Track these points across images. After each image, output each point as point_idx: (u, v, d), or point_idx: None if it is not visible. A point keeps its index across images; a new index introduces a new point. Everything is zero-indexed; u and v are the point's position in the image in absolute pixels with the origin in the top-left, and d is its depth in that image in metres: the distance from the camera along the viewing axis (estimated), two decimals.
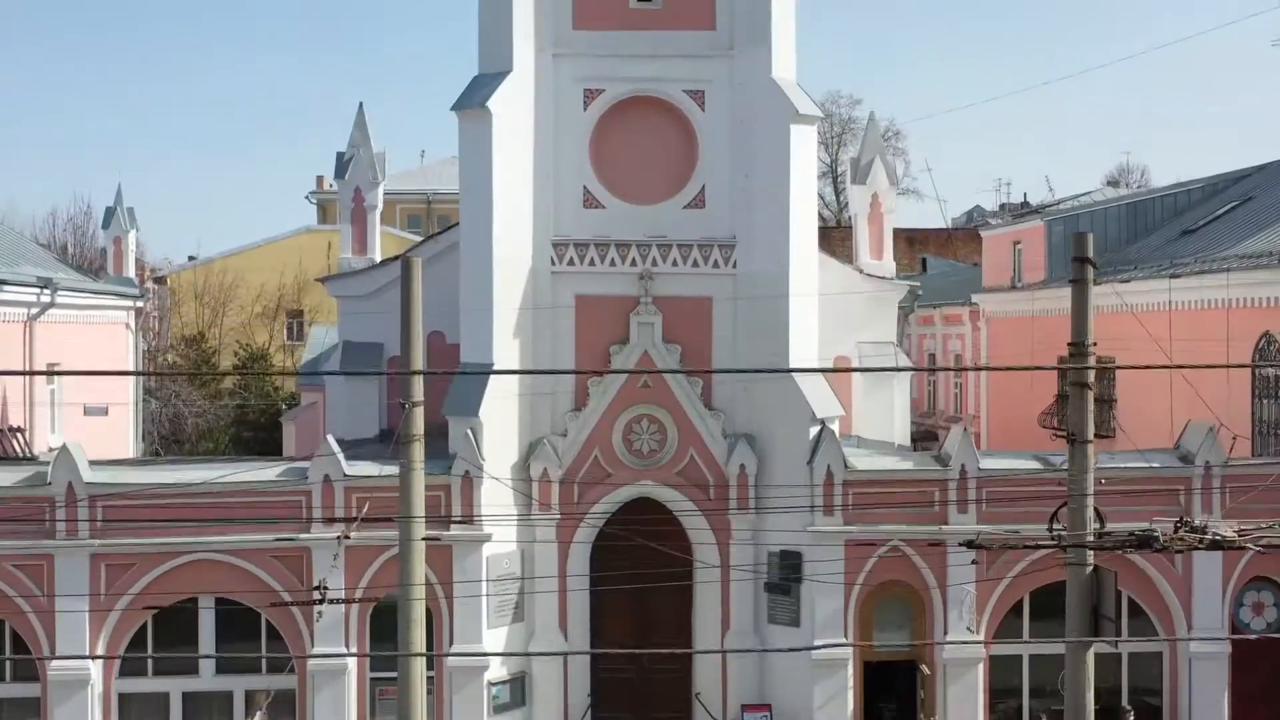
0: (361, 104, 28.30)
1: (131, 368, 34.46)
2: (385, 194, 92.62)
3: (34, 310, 28.36)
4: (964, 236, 76.61)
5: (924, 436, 44.79)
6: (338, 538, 17.58)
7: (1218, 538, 12.99)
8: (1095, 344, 15.98)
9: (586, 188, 22.22)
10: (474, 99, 21.70)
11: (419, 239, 74.80)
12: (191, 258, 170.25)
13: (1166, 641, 21.93)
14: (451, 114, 22.27)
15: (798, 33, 22.14)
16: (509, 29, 21.74)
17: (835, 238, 75.39)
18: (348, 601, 18.11)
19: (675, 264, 22.22)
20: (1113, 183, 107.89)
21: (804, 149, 22.32)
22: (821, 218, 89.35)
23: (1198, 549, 13.14)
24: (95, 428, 31.40)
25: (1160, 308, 26.98)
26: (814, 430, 21.59)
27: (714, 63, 22.19)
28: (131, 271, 35.26)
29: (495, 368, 21.43)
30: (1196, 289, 25.50)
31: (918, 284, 29.40)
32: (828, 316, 24.53)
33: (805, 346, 22.25)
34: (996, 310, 35.88)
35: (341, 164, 27.90)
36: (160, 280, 74.10)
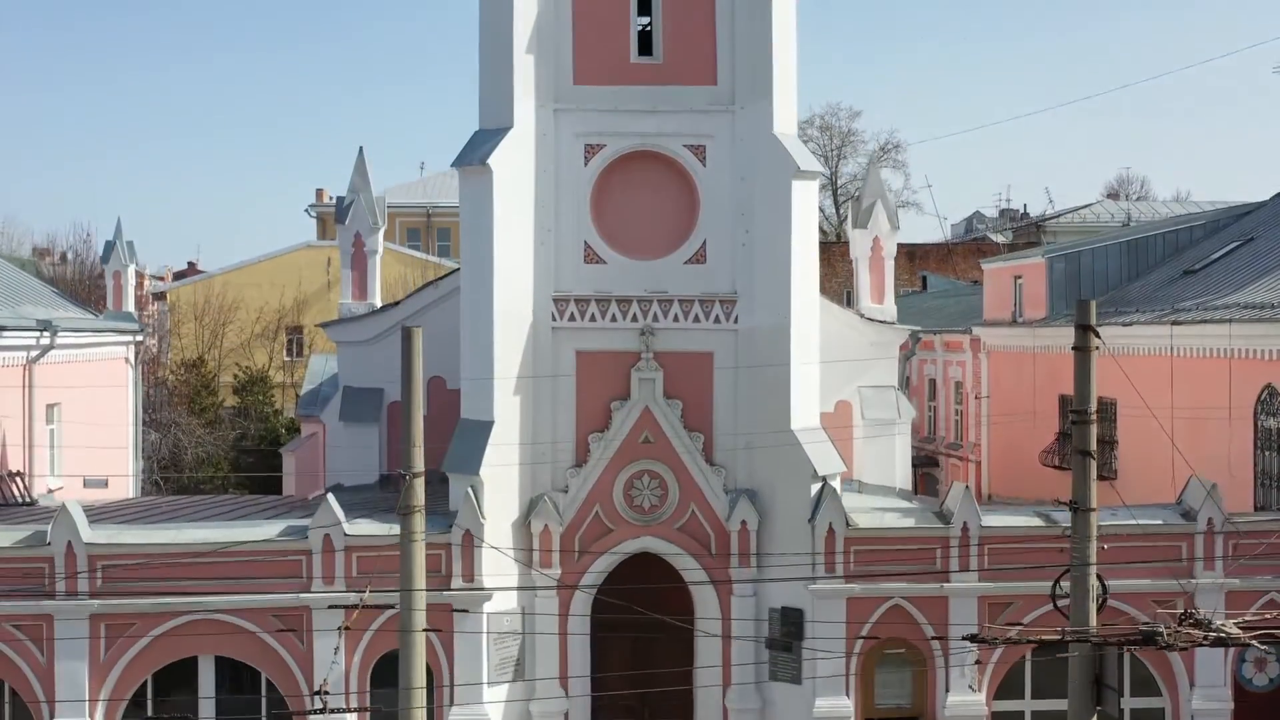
0: (361, 148, 28.32)
1: (131, 402, 34.41)
2: (385, 206, 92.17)
3: (34, 353, 28.34)
4: (964, 250, 76.68)
5: (925, 463, 44.82)
6: (339, 628, 17.50)
7: (1221, 635, 12.90)
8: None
9: (587, 243, 22.17)
10: (474, 156, 21.67)
11: (418, 254, 75.24)
12: (191, 263, 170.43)
13: (1169, 698, 21.90)
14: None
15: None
16: (509, 85, 21.68)
17: (835, 253, 75.48)
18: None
19: (676, 319, 22.17)
20: (1112, 195, 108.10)
21: (805, 204, 22.27)
22: (822, 231, 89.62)
23: (1202, 645, 13.05)
24: (95, 467, 31.39)
25: (1162, 353, 26.94)
26: (815, 487, 21.55)
27: (715, 118, 22.14)
28: (131, 305, 35.19)
29: (495, 425, 21.40)
30: (1198, 337, 25.44)
31: (919, 328, 29.30)
32: (829, 361, 24.55)
33: (807, 402, 22.21)
34: (997, 344, 35.85)
35: (342, 209, 27.85)
36: (160, 296, 74.22)
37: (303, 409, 38.94)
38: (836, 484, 21.88)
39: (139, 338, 34.90)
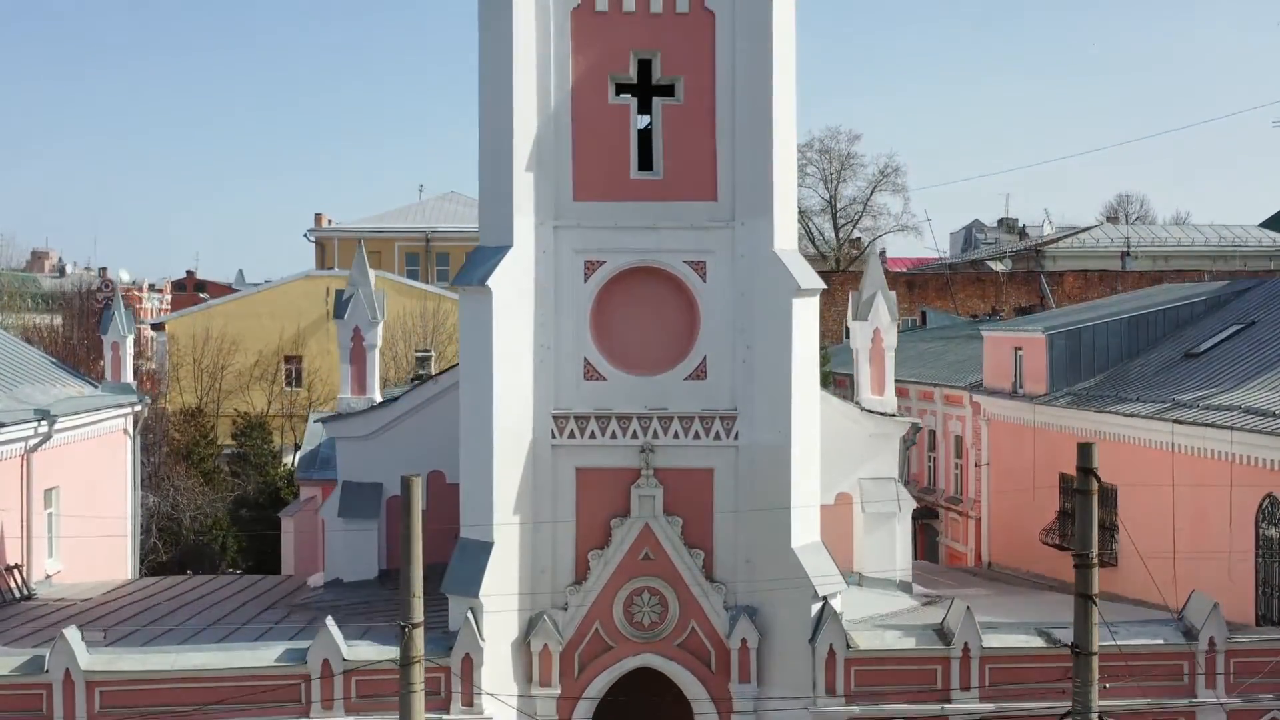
0: (361, 241, 28.18)
1: (130, 476, 34.36)
2: (384, 232, 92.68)
3: (32, 441, 28.27)
4: (963, 280, 76.63)
5: (924, 514, 44.74)
6: None
7: None
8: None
9: (587, 359, 22.09)
10: (474, 276, 21.57)
11: (417, 284, 75.13)
12: (189, 272, 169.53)
13: None
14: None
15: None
16: (509, 203, 21.60)
17: (834, 282, 75.37)
18: None
19: (677, 436, 22.10)
20: (1112, 218, 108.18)
21: (806, 322, 22.25)
22: (822, 256, 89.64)
23: None
24: (93, 547, 31.36)
25: (1163, 447, 26.85)
26: (816, 607, 21.50)
27: (715, 234, 22.06)
28: (129, 375, 35.14)
29: (495, 546, 21.33)
30: (1200, 437, 25.36)
31: (918, 421, 29.22)
32: (829, 453, 24.51)
33: (808, 519, 22.16)
34: (997, 413, 35.77)
35: (341, 303, 27.75)
36: (158, 327, 74.13)
37: (301, 471, 38.93)
38: (837, 603, 21.82)
39: (138, 407, 34.85)
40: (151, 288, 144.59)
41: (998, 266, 78.60)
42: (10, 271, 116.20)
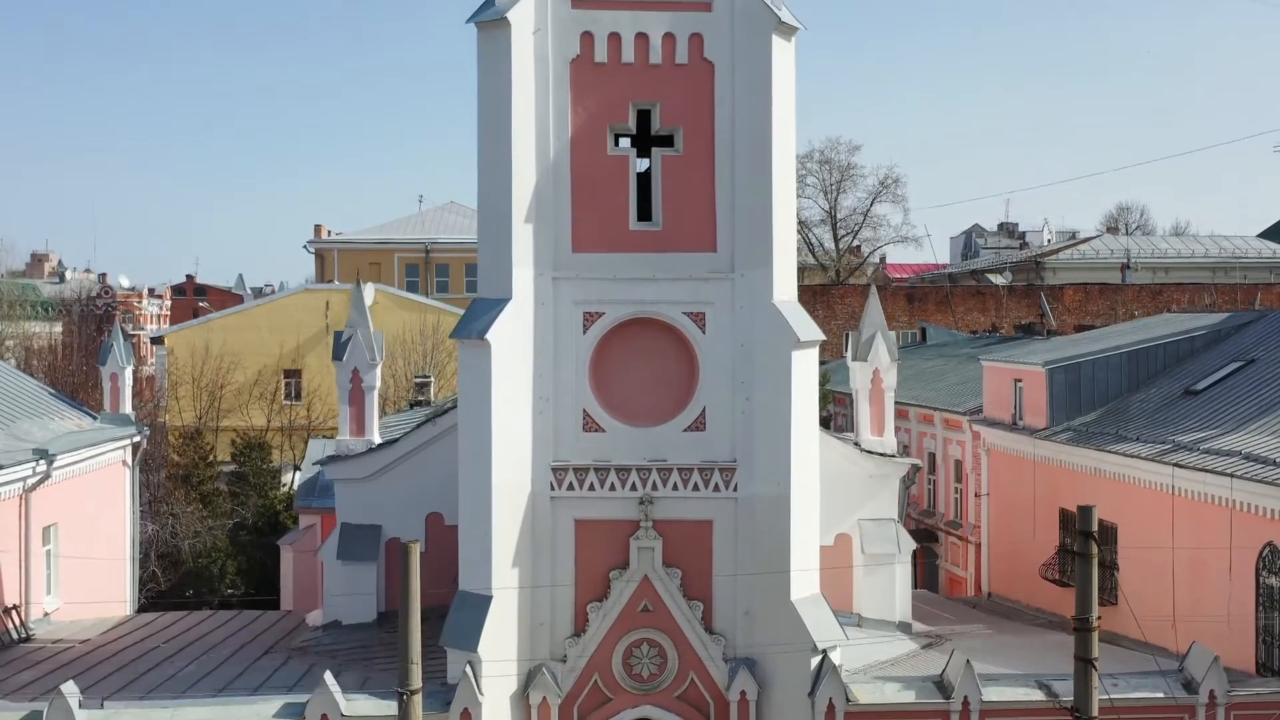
0: (359, 282, 28.13)
1: (129, 508, 34.34)
2: (383, 243, 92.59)
3: (31, 481, 28.21)
4: (963, 293, 76.62)
5: (924, 537, 44.72)
6: None
7: None
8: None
9: (586, 411, 22.02)
10: (472, 329, 21.49)
11: (417, 298, 75.12)
12: (189, 276, 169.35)
13: None
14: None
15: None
16: (508, 256, 21.53)
17: (834, 295, 75.45)
18: None
19: (676, 487, 22.04)
20: (1111, 229, 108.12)
21: (805, 374, 22.18)
22: (822, 267, 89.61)
23: None
24: (92, 581, 31.33)
25: (1163, 488, 26.81)
26: (815, 660, 21.46)
27: (715, 285, 22.00)
28: (128, 406, 35.10)
29: (494, 600, 21.28)
30: (1200, 481, 25.31)
31: (918, 462, 29.18)
32: (829, 494, 24.51)
33: (807, 571, 22.09)
34: (997, 443, 35.73)
35: (339, 345, 27.66)
36: (158, 341, 74.09)
37: (300, 499, 38.85)
38: (836, 655, 21.77)
39: (136, 438, 34.80)
40: (151, 293, 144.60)
41: (998, 280, 78.54)
42: (9, 280, 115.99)
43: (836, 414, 56.57)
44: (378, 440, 27.66)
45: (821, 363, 74.18)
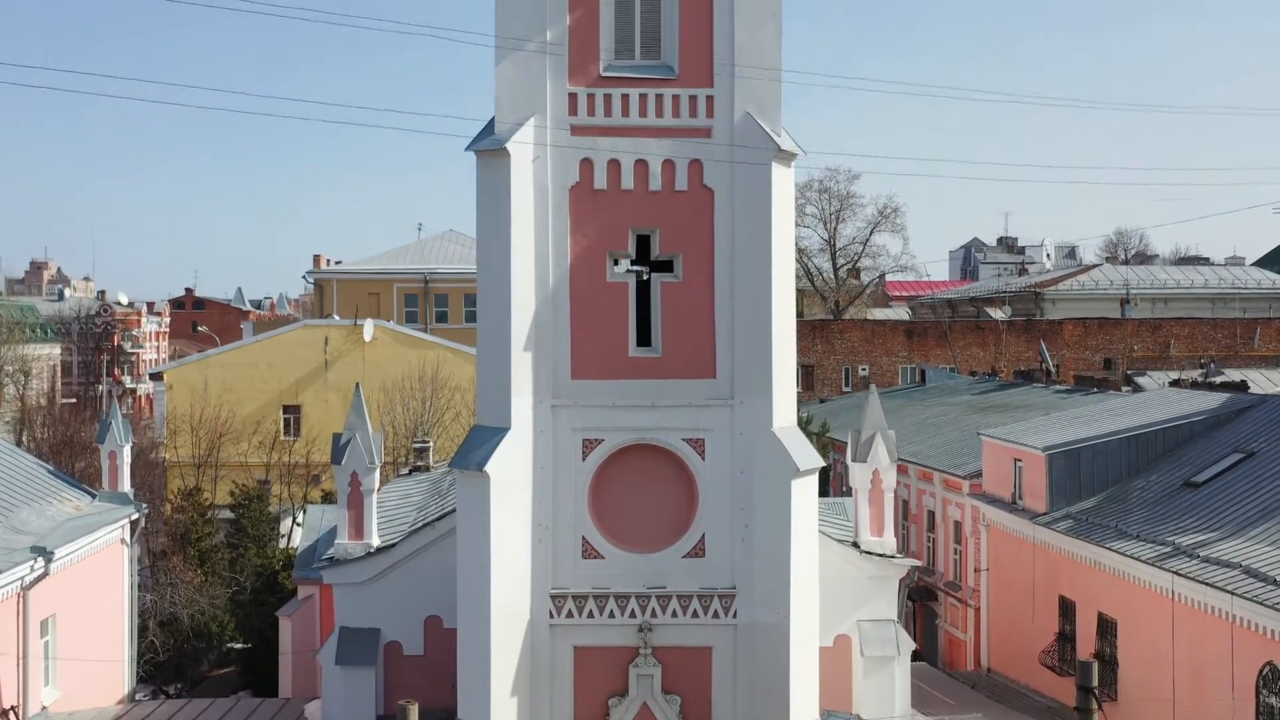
0: (358, 385, 28.08)
1: (127, 587, 34.29)
2: (382, 273, 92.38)
3: (29, 579, 28.14)
4: (962, 328, 76.67)
5: (923, 595, 44.72)
6: None
7: None
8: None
9: (585, 538, 22.02)
10: (471, 460, 21.47)
11: (415, 333, 75.12)
12: (189, 289, 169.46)
13: None
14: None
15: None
16: (507, 384, 21.52)
17: (833, 331, 75.49)
18: None
19: (675, 614, 22.04)
20: (1110, 257, 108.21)
21: (805, 503, 22.19)
22: (821, 297, 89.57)
23: None
24: (89, 666, 31.28)
25: (1163, 592, 26.76)
26: None
27: (714, 412, 21.99)
28: (126, 484, 35.03)
29: None
30: (1200, 592, 25.28)
31: (919, 562, 29.12)
32: (828, 595, 24.48)
33: (806, 699, 22.12)
34: (997, 520, 35.71)
35: (339, 448, 27.53)
36: (157, 377, 74.05)
37: (299, 570, 38.77)
38: None
39: (134, 516, 34.74)
40: (150, 309, 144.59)
41: (997, 314, 78.55)
42: (8, 301, 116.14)
43: (836, 462, 56.61)
44: (376, 543, 27.54)
45: (820, 400, 73.57)
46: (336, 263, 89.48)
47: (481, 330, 21.98)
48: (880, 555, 27.48)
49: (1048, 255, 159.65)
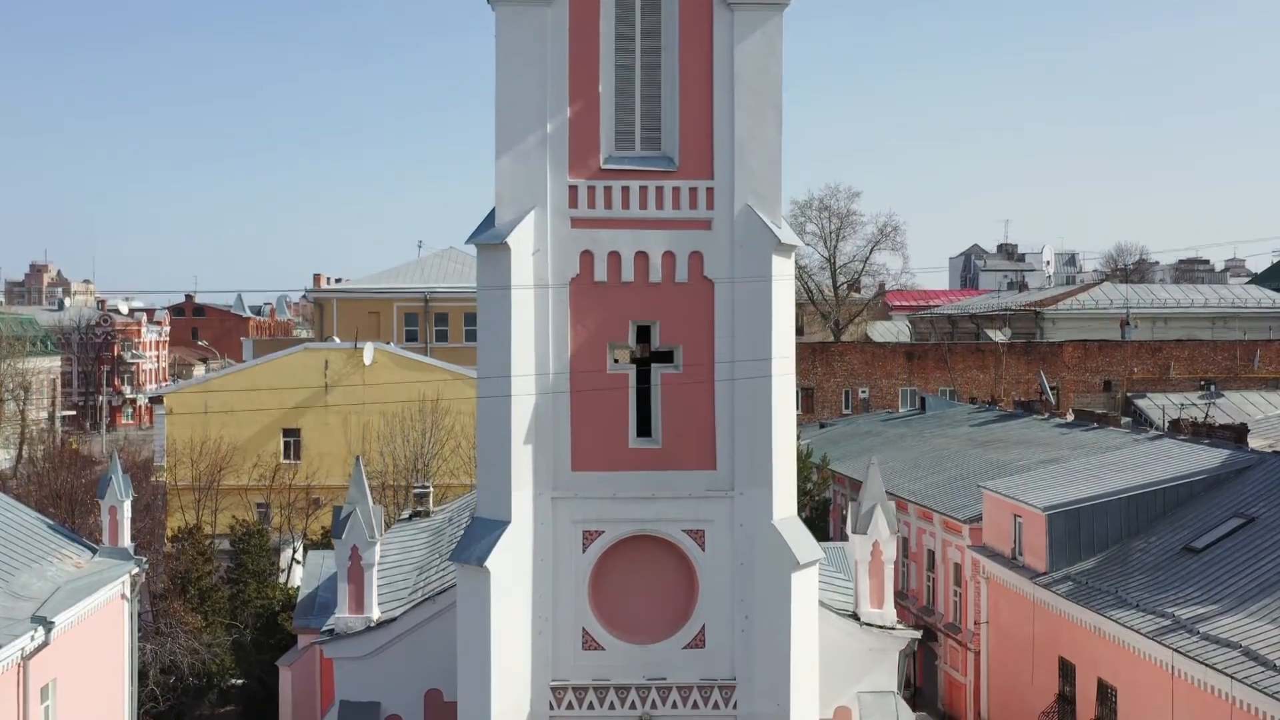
0: (359, 458, 28.09)
1: (127, 642, 34.29)
2: (382, 292, 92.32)
3: (30, 648, 28.15)
4: (962, 350, 76.64)
5: (923, 635, 44.76)
6: None
7: None
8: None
9: (585, 629, 22.04)
10: (471, 555, 21.50)
11: (414, 355, 75.15)
12: (189, 296, 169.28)
13: None
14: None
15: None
16: (507, 478, 21.53)
17: (833, 353, 75.48)
18: None
19: (675, 705, 22.07)
20: (1109, 274, 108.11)
21: (805, 595, 22.20)
22: (822, 316, 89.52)
23: None
24: None
25: (1163, 665, 26.75)
26: None
27: (714, 503, 22.00)
28: (126, 541, 35.02)
29: None
30: (1201, 670, 25.28)
31: (918, 634, 29.13)
32: (827, 667, 24.50)
33: None
34: (997, 575, 35.73)
35: (339, 522, 27.55)
36: (157, 400, 74.06)
37: (299, 619, 38.84)
38: None
39: (134, 570, 34.73)
40: (150, 318, 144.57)
41: (997, 336, 78.53)
42: (8, 315, 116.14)
43: (837, 493, 56.62)
44: (377, 616, 27.56)
45: (821, 425, 73.36)
46: (337, 281, 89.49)
47: (481, 421, 21.99)
48: (880, 627, 27.51)
49: (1048, 263, 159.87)
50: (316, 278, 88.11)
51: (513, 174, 21.55)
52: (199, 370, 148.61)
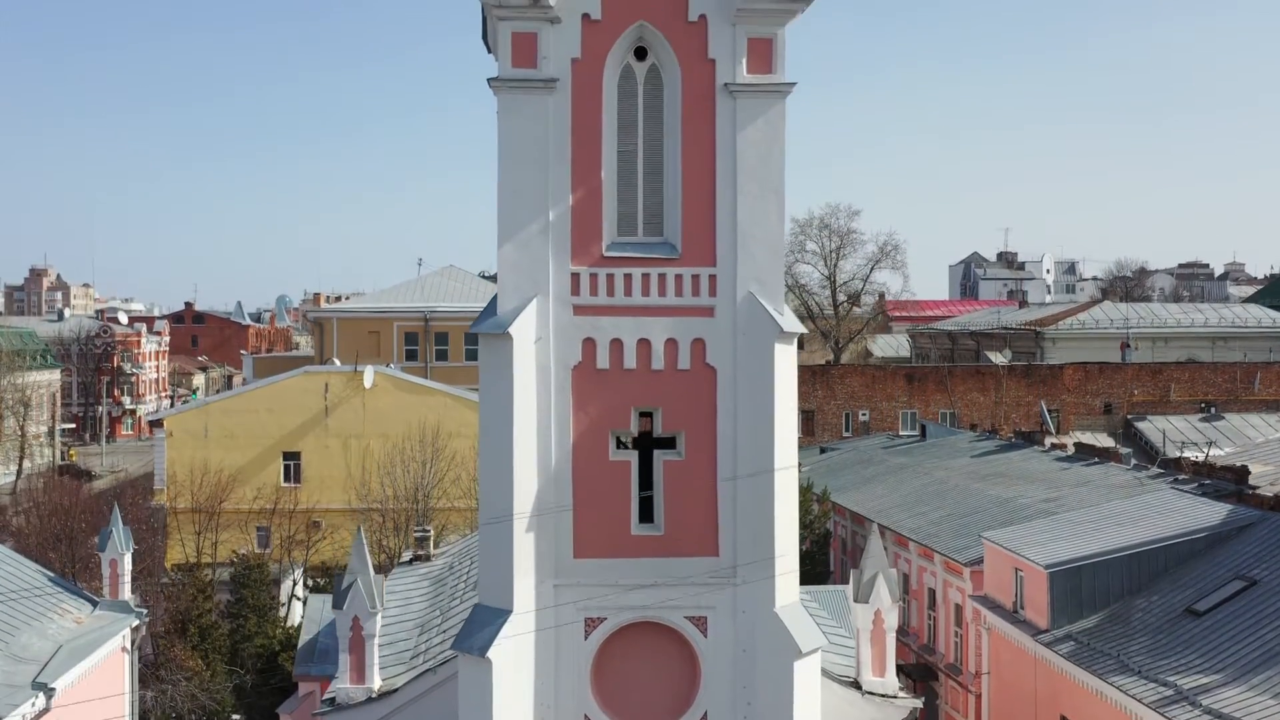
0: (360, 527, 28.05)
1: (127, 695, 34.28)
2: (382, 311, 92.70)
3: (30, 715, 28.14)
4: (963, 374, 76.65)
5: (923, 673, 44.76)
6: None
7: None
8: None
9: (588, 717, 22.01)
10: (473, 644, 21.45)
11: (413, 379, 75.10)
12: (188, 304, 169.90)
13: None
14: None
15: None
16: (509, 567, 21.49)
17: (834, 376, 75.47)
18: None
19: None
20: (1109, 284, 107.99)
21: (808, 684, 22.16)
22: (822, 335, 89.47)
23: None
24: None
25: None
26: None
27: (717, 590, 21.98)
28: (128, 593, 35.02)
29: None
30: None
31: (919, 702, 29.10)
32: None
33: None
34: (998, 627, 35.71)
35: (340, 592, 27.52)
36: (157, 424, 74.07)
37: (299, 666, 38.91)
38: None
39: (135, 623, 34.72)
40: (150, 327, 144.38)
41: (997, 358, 78.53)
42: (8, 330, 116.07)
43: (837, 524, 56.63)
44: (378, 686, 27.54)
45: (821, 450, 73.16)
46: (336, 299, 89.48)
47: (483, 508, 21.96)
48: (882, 696, 27.52)
49: (1048, 271, 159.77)
50: (316, 296, 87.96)
51: (515, 262, 21.51)
52: (198, 380, 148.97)
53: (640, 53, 22.05)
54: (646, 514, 22.17)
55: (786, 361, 21.92)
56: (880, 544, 28.56)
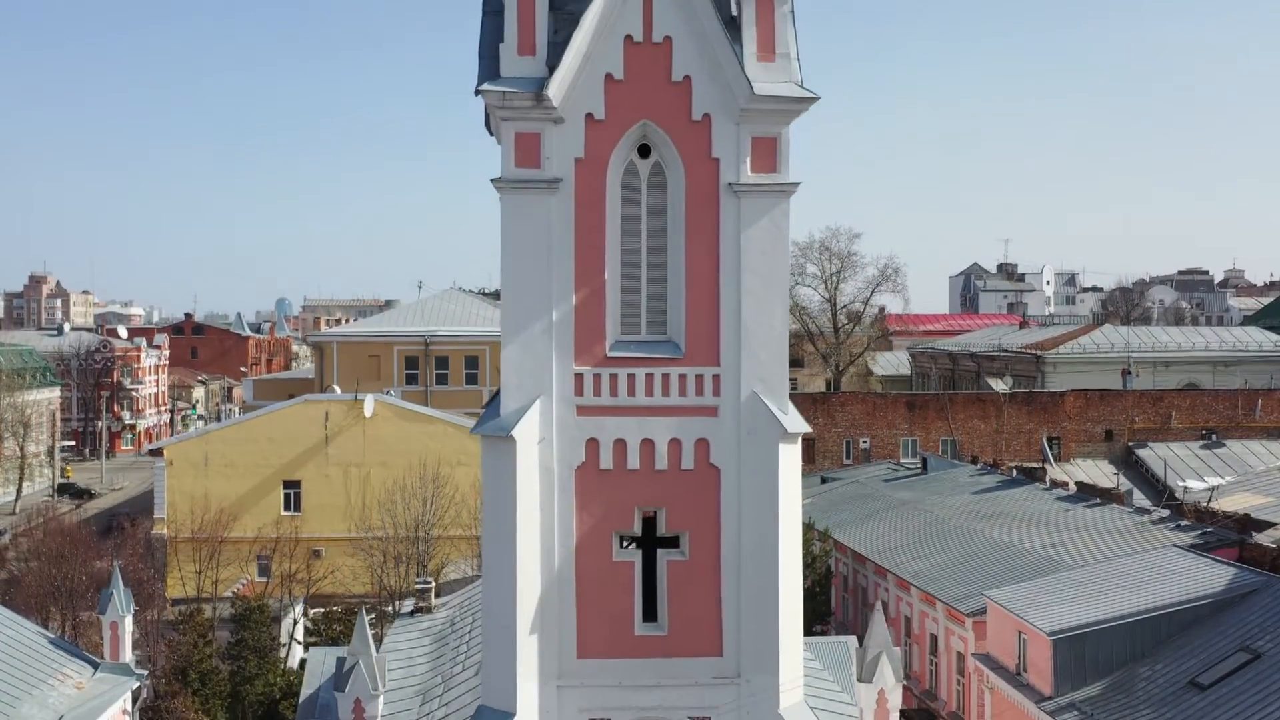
0: (363, 608, 27.95)
1: None
2: (382, 335, 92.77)
3: None
4: (964, 400, 76.57)
5: (924, 718, 44.77)
6: None
7: None
8: None
9: None
10: None
11: (412, 406, 74.95)
12: (188, 315, 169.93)
13: None
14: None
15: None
16: (513, 669, 21.34)
17: (834, 404, 75.37)
18: None
19: None
20: (1109, 311, 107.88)
21: None
22: (823, 358, 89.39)
23: None
24: None
25: None
26: None
27: (720, 690, 21.83)
28: (128, 654, 34.96)
29: None
30: None
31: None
32: None
33: None
34: (1000, 688, 35.67)
35: (341, 675, 27.42)
36: (157, 453, 74.05)
37: (302, 709, 38.87)
38: None
39: (135, 685, 34.68)
40: (150, 341, 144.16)
41: (998, 386, 78.45)
42: (7, 348, 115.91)
43: (838, 561, 56.56)
44: None
45: (823, 480, 73.11)
46: (336, 321, 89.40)
47: (486, 610, 21.86)
48: None
49: (1048, 283, 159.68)
50: (316, 320, 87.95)
51: (519, 363, 21.40)
52: (198, 393, 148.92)
53: (644, 150, 21.93)
54: (650, 614, 22.04)
55: (790, 460, 21.79)
56: (884, 624, 28.42)
